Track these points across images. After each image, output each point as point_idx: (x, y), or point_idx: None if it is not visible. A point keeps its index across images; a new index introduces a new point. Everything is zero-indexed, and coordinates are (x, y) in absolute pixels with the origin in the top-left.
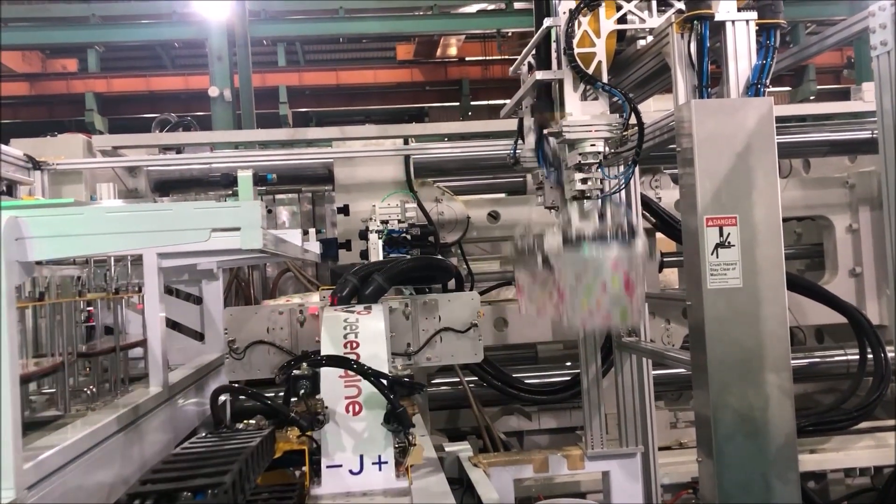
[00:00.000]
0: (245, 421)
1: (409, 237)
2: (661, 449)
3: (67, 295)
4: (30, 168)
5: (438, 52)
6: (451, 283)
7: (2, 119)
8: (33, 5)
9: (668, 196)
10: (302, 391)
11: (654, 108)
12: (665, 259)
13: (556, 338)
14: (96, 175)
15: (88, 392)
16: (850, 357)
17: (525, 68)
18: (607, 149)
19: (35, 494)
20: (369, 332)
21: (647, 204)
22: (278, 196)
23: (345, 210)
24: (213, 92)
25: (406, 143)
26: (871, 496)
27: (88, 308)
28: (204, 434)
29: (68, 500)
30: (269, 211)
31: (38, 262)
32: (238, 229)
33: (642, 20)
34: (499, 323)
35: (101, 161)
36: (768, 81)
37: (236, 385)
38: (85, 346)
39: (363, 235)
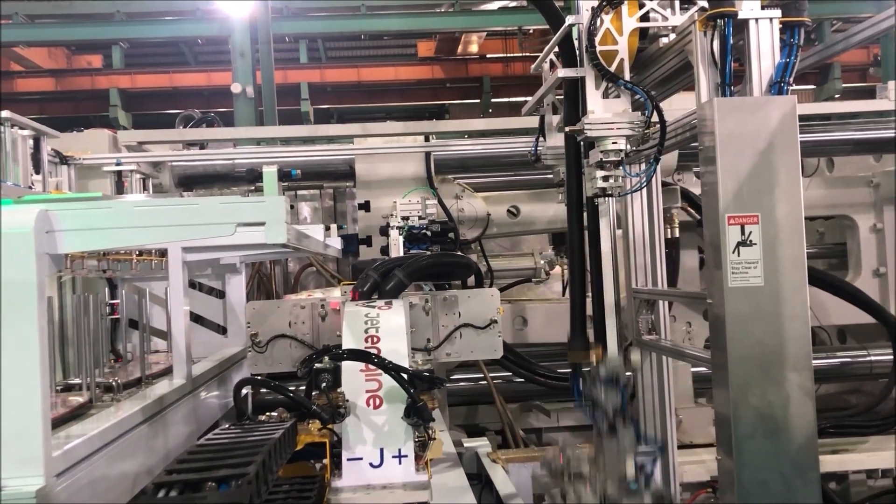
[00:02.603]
0: (267, 413)
1: (429, 233)
2: (697, 446)
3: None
4: (57, 163)
5: (459, 48)
6: (472, 280)
7: (28, 114)
8: (60, 2)
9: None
10: (323, 384)
11: (675, 107)
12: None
13: None
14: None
15: (114, 383)
16: (873, 358)
17: (547, 66)
18: (629, 146)
19: (63, 482)
20: (390, 326)
21: (690, 199)
22: (300, 192)
23: (366, 206)
24: (236, 88)
25: (427, 139)
26: (893, 498)
27: (113, 301)
28: (227, 426)
29: (95, 488)
30: (292, 206)
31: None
32: (263, 224)
33: (665, 18)
34: (518, 322)
35: (126, 156)
36: (792, 79)
37: (259, 378)
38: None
39: (384, 231)
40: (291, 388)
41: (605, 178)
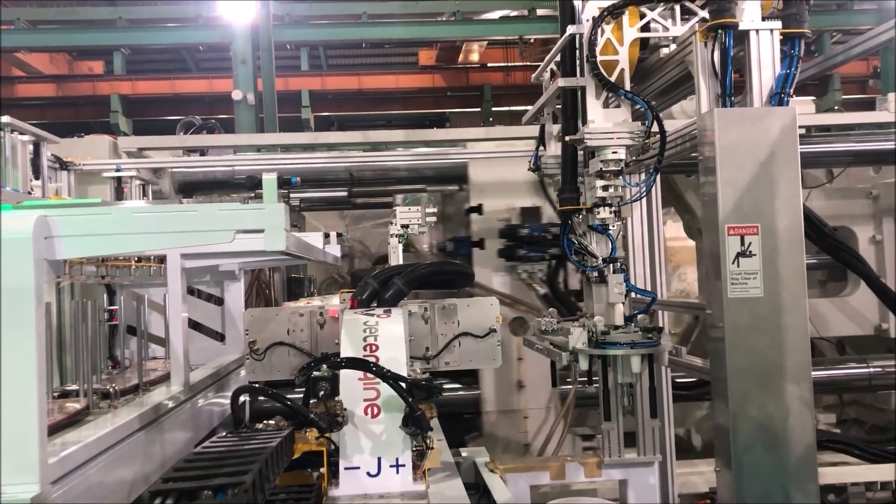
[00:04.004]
0: (265, 421)
1: (549, 237)
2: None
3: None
4: (57, 168)
5: (460, 57)
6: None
7: (28, 119)
8: (61, 8)
9: None
10: (321, 393)
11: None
12: None
13: None
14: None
15: (112, 390)
16: (872, 370)
17: (547, 75)
18: (629, 156)
19: (59, 489)
20: (389, 335)
21: None
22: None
23: (478, 209)
24: (237, 95)
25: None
26: None
27: (111, 307)
28: (224, 434)
29: (91, 495)
30: None
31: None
32: (262, 231)
33: (665, 28)
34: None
35: (126, 162)
36: (792, 91)
37: (256, 385)
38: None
39: (503, 234)
40: (289, 397)
41: (605, 188)
